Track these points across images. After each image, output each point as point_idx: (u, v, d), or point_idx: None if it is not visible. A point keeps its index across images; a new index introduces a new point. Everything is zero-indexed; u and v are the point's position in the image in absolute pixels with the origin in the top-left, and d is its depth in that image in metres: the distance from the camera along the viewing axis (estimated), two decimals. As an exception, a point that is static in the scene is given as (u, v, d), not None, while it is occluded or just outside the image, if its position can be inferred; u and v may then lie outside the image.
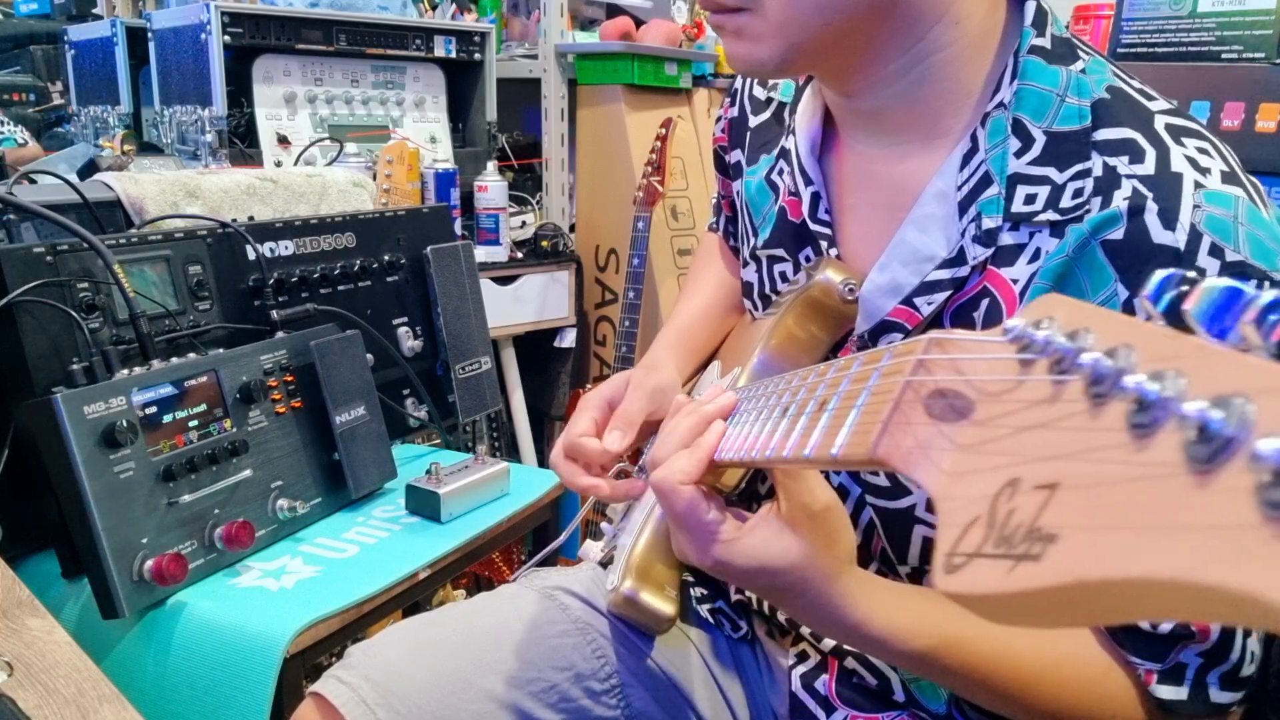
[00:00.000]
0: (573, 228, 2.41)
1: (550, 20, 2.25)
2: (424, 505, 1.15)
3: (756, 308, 0.85)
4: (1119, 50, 1.80)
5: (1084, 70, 0.64)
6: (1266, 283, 0.57)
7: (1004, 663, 0.60)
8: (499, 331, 2.08)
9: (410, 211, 1.42)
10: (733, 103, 0.90)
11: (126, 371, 0.96)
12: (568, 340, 2.31)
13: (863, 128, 0.73)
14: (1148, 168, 0.60)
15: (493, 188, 2.03)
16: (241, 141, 1.76)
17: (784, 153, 0.80)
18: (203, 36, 1.70)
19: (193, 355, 1.04)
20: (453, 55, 2.04)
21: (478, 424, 2.12)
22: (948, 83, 0.66)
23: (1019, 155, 0.64)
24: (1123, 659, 0.61)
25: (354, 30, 1.88)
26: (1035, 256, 0.63)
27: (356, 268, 1.31)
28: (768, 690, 0.84)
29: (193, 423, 0.98)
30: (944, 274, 0.66)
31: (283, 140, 1.82)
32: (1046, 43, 0.65)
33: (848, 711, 0.76)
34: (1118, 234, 0.59)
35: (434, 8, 2.29)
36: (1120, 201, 0.59)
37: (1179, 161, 0.60)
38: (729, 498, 0.72)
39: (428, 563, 1.05)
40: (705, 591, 0.87)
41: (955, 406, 0.35)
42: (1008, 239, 0.64)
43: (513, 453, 2.28)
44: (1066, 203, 0.62)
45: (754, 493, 0.80)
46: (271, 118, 1.82)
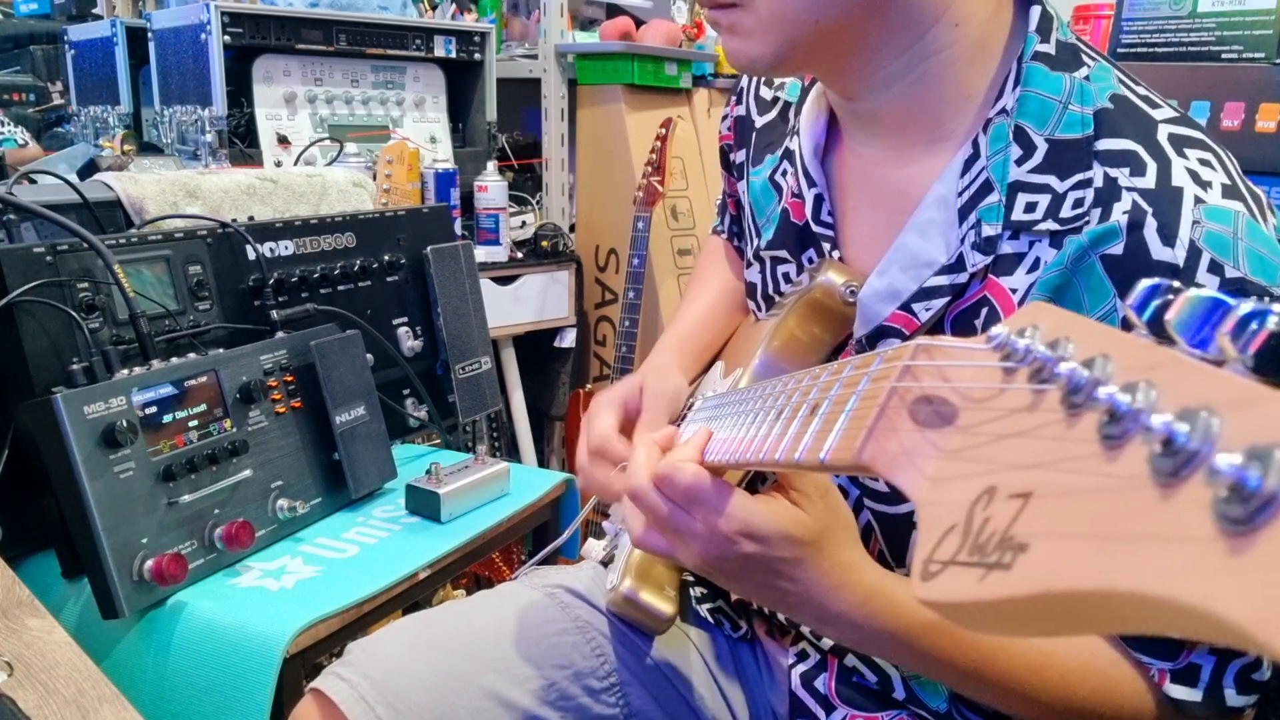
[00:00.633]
0: (573, 228, 2.41)
1: (550, 20, 2.25)
2: (424, 505, 1.15)
3: (760, 308, 0.85)
4: (1119, 50, 1.80)
5: (1088, 77, 0.64)
6: (1267, 298, 0.56)
7: (1011, 654, 0.59)
8: (499, 331, 2.08)
9: (410, 211, 1.42)
10: (739, 101, 0.90)
11: (126, 371, 0.96)
12: (568, 340, 2.31)
13: (864, 130, 0.72)
14: (1148, 181, 0.60)
15: (493, 188, 2.03)
16: (241, 141, 1.76)
17: (788, 154, 0.79)
18: (203, 36, 1.70)
19: (193, 355, 1.04)
20: (453, 55, 2.04)
21: (478, 424, 2.12)
22: (948, 86, 0.66)
23: (1020, 163, 0.63)
24: (1132, 657, 0.61)
25: (354, 30, 1.88)
26: (1034, 267, 0.62)
27: (356, 268, 1.31)
28: (767, 689, 0.84)
29: (193, 423, 0.98)
30: (942, 280, 0.66)
31: (283, 140, 1.82)
32: (1051, 48, 0.64)
33: (847, 710, 0.76)
34: (1117, 249, 0.59)
35: (434, 8, 2.29)
36: (1120, 215, 0.59)
37: (1180, 175, 0.60)
38: None
39: (428, 563, 1.05)
40: (705, 591, 0.87)
41: (940, 413, 0.35)
42: (1008, 248, 0.63)
43: (513, 453, 2.28)
44: (1067, 212, 0.61)
45: (754, 492, 0.80)
46: (271, 118, 1.82)
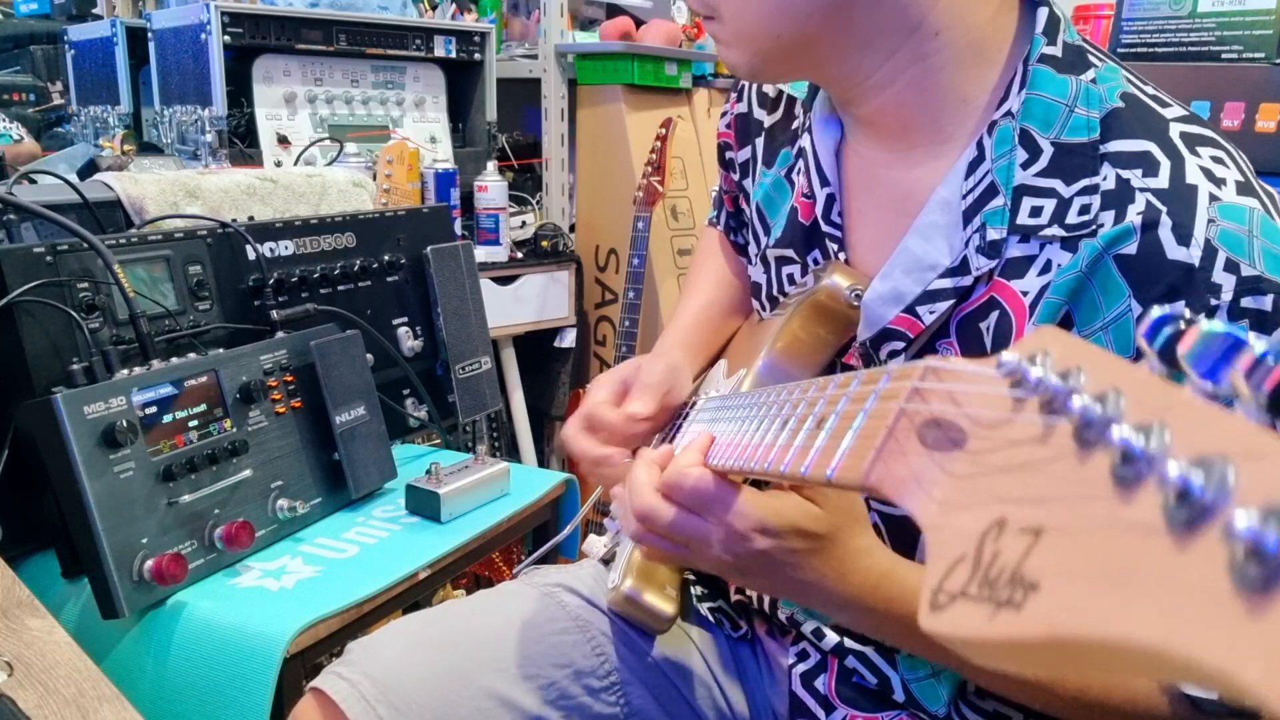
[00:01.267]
0: (573, 228, 2.41)
1: (550, 20, 2.25)
2: (424, 505, 1.15)
3: (764, 308, 0.85)
4: (1119, 50, 1.80)
5: (1095, 79, 0.63)
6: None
7: None
8: (499, 331, 2.08)
9: (410, 211, 1.42)
10: (739, 98, 0.89)
11: (126, 371, 0.96)
12: (568, 340, 2.31)
13: (865, 133, 0.72)
14: (1162, 181, 0.59)
15: (493, 188, 2.03)
16: (241, 141, 1.76)
17: (801, 151, 0.79)
18: (203, 36, 1.70)
19: (193, 355, 1.04)
20: (453, 55, 2.04)
21: (478, 424, 2.12)
22: (941, 91, 0.65)
23: (1026, 166, 0.63)
24: None
25: (354, 30, 1.88)
26: (1046, 269, 0.62)
27: (356, 268, 1.31)
28: (768, 689, 0.84)
29: (193, 423, 0.98)
30: (946, 283, 0.65)
31: (283, 140, 1.82)
32: (1058, 51, 0.64)
33: (847, 711, 0.76)
34: (1131, 249, 0.59)
35: (434, 8, 2.29)
36: (1134, 216, 0.59)
37: (1194, 173, 0.59)
38: None
39: (428, 563, 1.05)
40: (705, 590, 0.87)
41: (949, 437, 0.34)
42: (1017, 250, 0.63)
43: (513, 453, 2.28)
44: (1072, 218, 0.61)
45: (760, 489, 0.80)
46: (271, 118, 1.82)
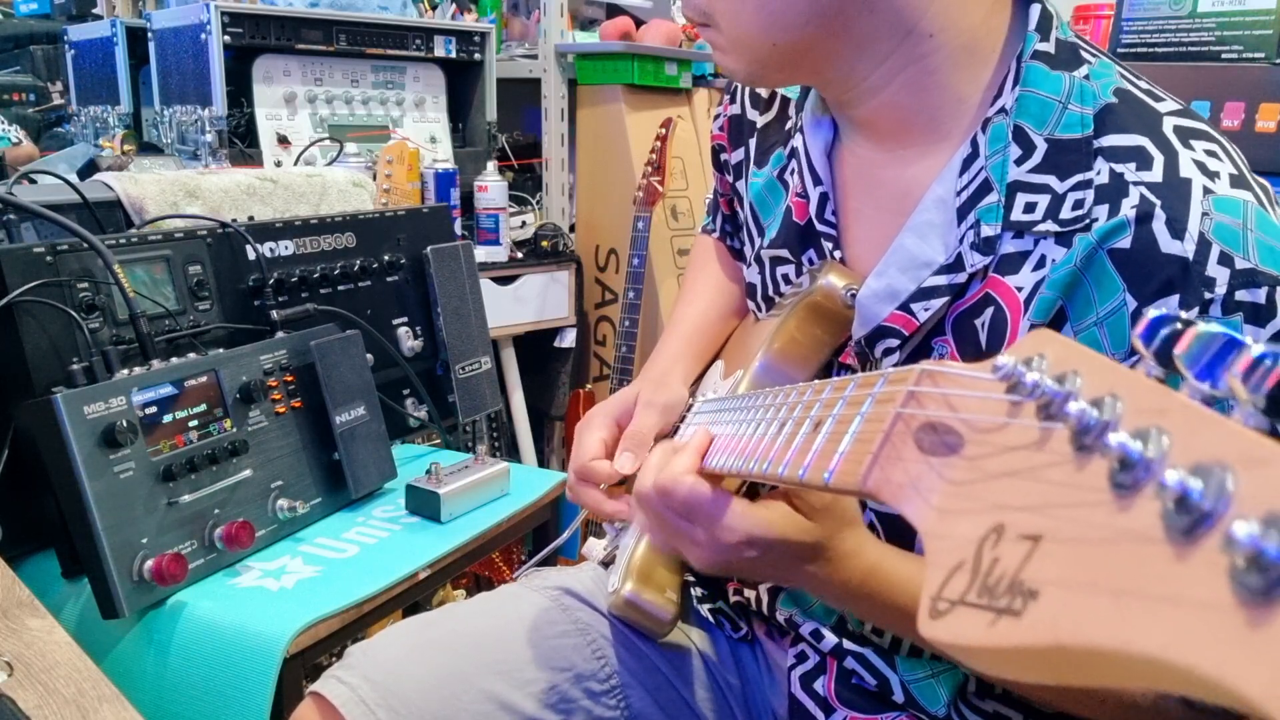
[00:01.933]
0: (573, 228, 2.41)
1: (550, 20, 2.25)
2: (424, 505, 1.15)
3: (760, 309, 0.85)
4: (1119, 50, 1.80)
5: (1088, 75, 0.63)
6: (1278, 289, 0.56)
7: None
8: (499, 331, 2.08)
9: (410, 211, 1.42)
10: (732, 100, 0.89)
11: (126, 371, 0.96)
12: (568, 340, 2.31)
13: (861, 133, 0.72)
14: (1155, 174, 0.59)
15: (493, 188, 2.03)
16: (241, 141, 1.76)
17: (794, 152, 0.79)
18: (203, 36, 1.70)
19: (193, 355, 1.04)
20: (453, 55, 2.04)
21: (478, 424, 2.12)
22: (937, 91, 0.66)
23: (1019, 163, 0.63)
24: None
25: (354, 30, 1.88)
26: (1041, 264, 0.62)
27: (356, 268, 1.31)
28: (767, 690, 0.84)
29: (193, 423, 0.98)
30: (941, 280, 0.65)
31: (283, 140, 1.82)
32: (1050, 48, 0.64)
33: (847, 712, 0.76)
34: (1125, 242, 0.59)
35: (434, 8, 2.29)
36: (1128, 210, 0.59)
37: (1187, 166, 0.60)
38: None
39: (428, 563, 1.05)
40: (705, 591, 0.87)
41: (946, 442, 0.34)
42: (1011, 246, 0.63)
43: (513, 453, 2.28)
44: (1066, 214, 0.61)
45: (754, 496, 0.80)
46: (271, 118, 1.82)
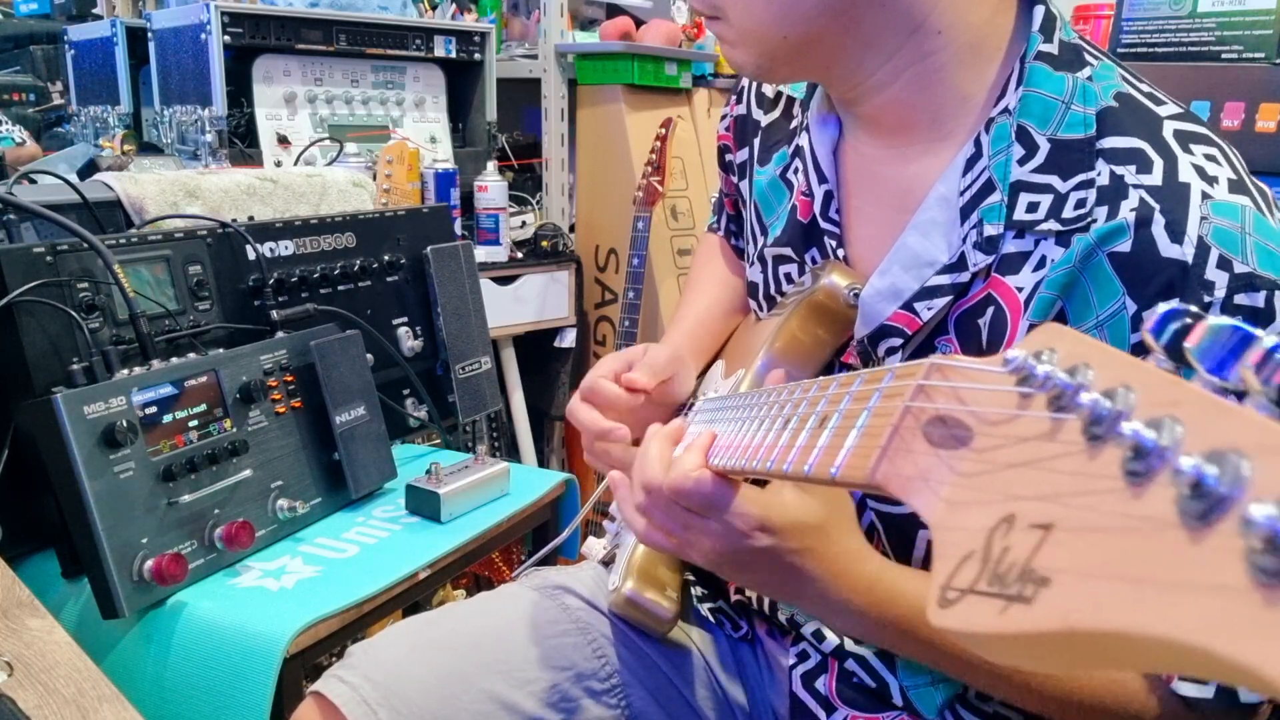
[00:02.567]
0: (573, 228, 2.41)
1: (550, 20, 2.25)
2: (424, 505, 1.15)
3: (761, 308, 0.85)
4: (1119, 50, 1.80)
5: (1091, 77, 0.64)
6: (1276, 293, 0.56)
7: None
8: (499, 331, 2.08)
9: (410, 211, 1.42)
10: (739, 100, 0.89)
11: (126, 371, 0.95)
12: (568, 340, 2.31)
13: (865, 130, 0.72)
14: (1155, 178, 0.60)
15: (493, 188, 2.03)
16: (241, 141, 1.76)
17: (798, 151, 0.79)
18: (203, 36, 1.70)
19: (193, 355, 1.04)
20: (453, 55, 2.04)
21: (478, 424, 2.12)
22: (942, 89, 0.66)
23: (1022, 162, 0.63)
24: None
25: (354, 30, 1.88)
26: (1041, 265, 0.62)
27: (356, 268, 1.31)
28: (768, 690, 0.84)
29: (193, 423, 0.98)
30: (944, 279, 0.65)
31: (283, 140, 1.82)
32: (1054, 48, 0.64)
33: (848, 711, 0.76)
34: (1124, 246, 0.59)
35: (434, 8, 2.29)
36: (1127, 213, 0.59)
37: (1186, 171, 0.60)
38: None
39: (428, 563, 1.05)
40: (706, 591, 0.87)
41: (955, 435, 0.34)
42: (1013, 247, 0.63)
43: (513, 453, 2.28)
44: (1069, 213, 0.61)
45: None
46: (271, 118, 1.82)
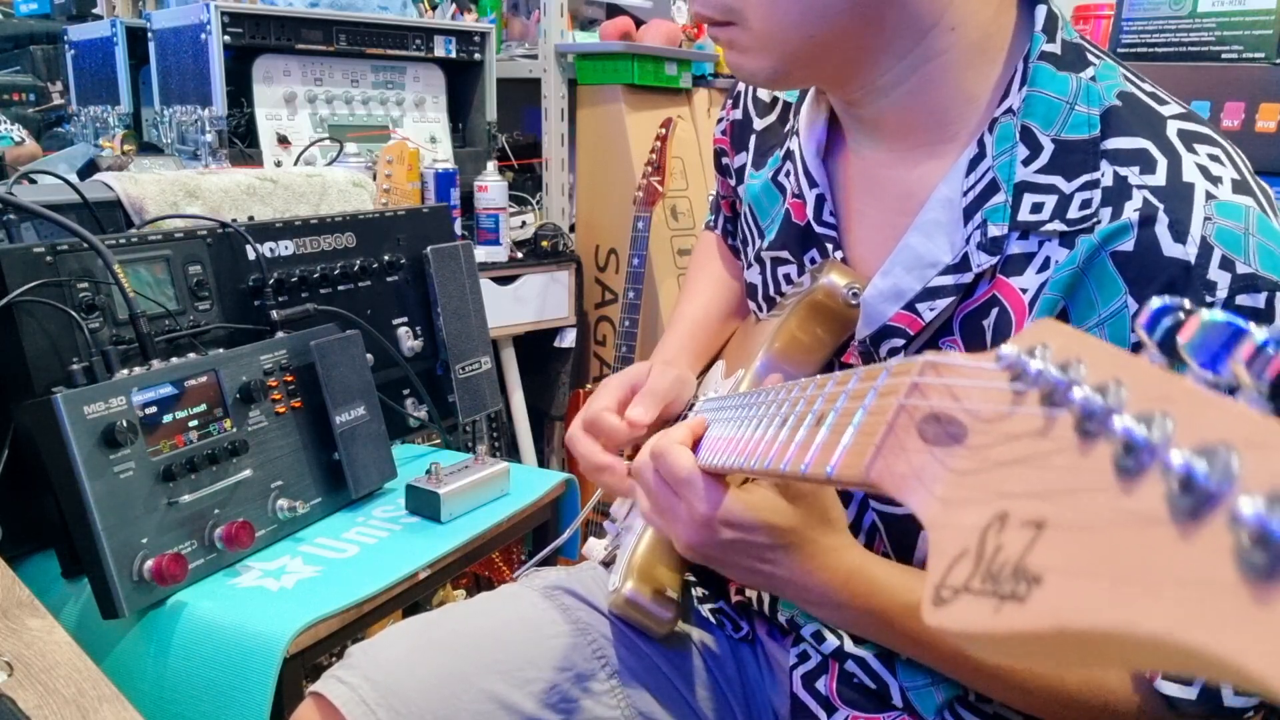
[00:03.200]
0: (573, 228, 2.41)
1: (550, 20, 2.25)
2: (424, 505, 1.15)
3: (761, 309, 0.85)
4: (1119, 50, 1.80)
5: (1094, 77, 0.64)
6: (1278, 294, 0.56)
7: None
8: (499, 331, 2.08)
9: (410, 211, 1.42)
10: (735, 105, 0.90)
11: (126, 371, 0.95)
12: (568, 340, 2.31)
13: (867, 133, 0.72)
14: (1159, 178, 0.59)
15: (493, 188, 2.03)
16: (241, 141, 1.76)
17: (789, 154, 0.79)
18: (203, 36, 1.70)
19: (193, 355, 1.04)
20: (453, 55, 2.04)
21: (478, 424, 2.12)
22: (949, 89, 0.66)
23: (1027, 163, 0.63)
24: None
25: (354, 30, 1.88)
26: (1045, 266, 0.62)
27: (356, 268, 1.31)
28: (769, 690, 0.84)
29: (193, 423, 0.98)
30: (947, 280, 0.65)
31: (283, 140, 1.82)
32: (1057, 48, 0.64)
33: (849, 711, 0.76)
34: (1128, 245, 0.59)
35: (434, 8, 2.29)
36: (1131, 213, 0.59)
37: (1190, 171, 0.60)
38: None
39: (428, 563, 1.05)
40: (706, 591, 0.87)
41: (949, 432, 0.34)
42: (1017, 248, 0.63)
43: (513, 453, 2.28)
44: (1074, 213, 0.61)
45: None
46: (271, 118, 1.82)
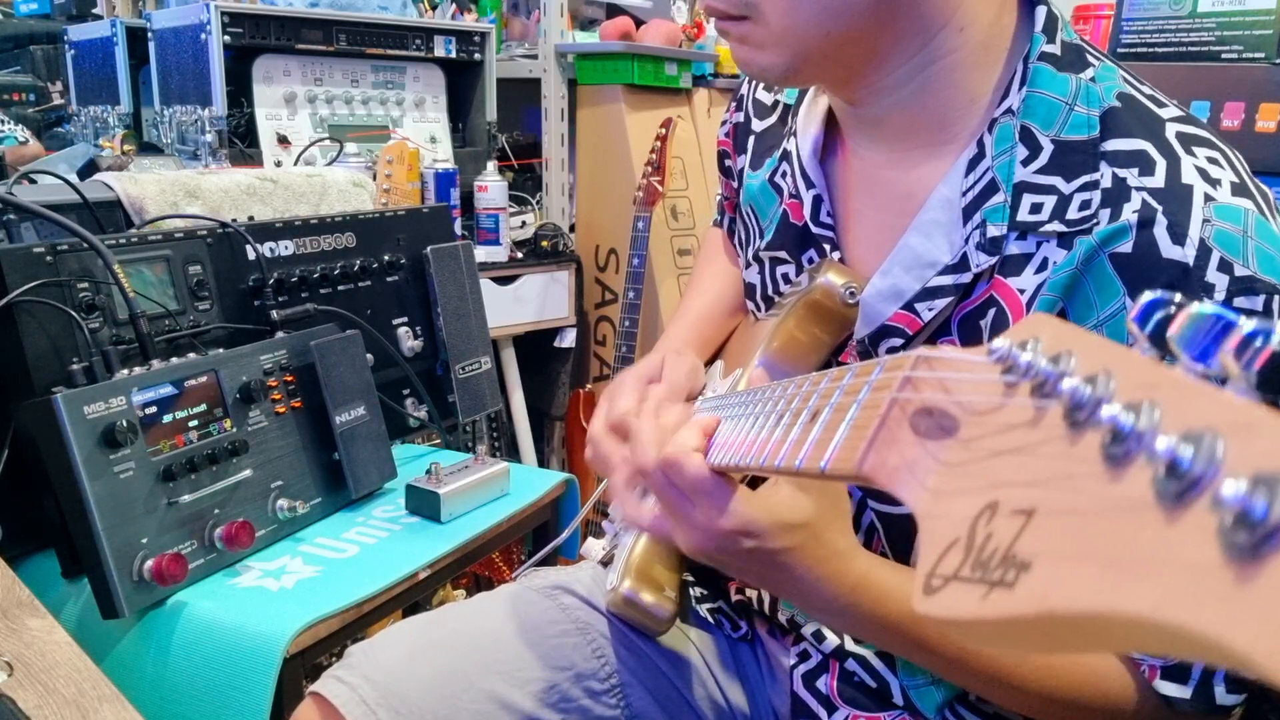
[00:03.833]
0: (573, 228, 2.41)
1: (550, 20, 2.25)
2: (424, 505, 1.15)
3: (759, 309, 0.85)
4: (1119, 50, 1.80)
5: (1093, 78, 0.64)
6: (1276, 297, 0.56)
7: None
8: (499, 331, 2.08)
9: (410, 211, 1.42)
10: (738, 107, 0.90)
11: (126, 371, 0.95)
12: (568, 340, 2.31)
13: (867, 134, 0.72)
14: (1158, 180, 0.60)
15: (493, 188, 2.03)
16: (241, 141, 1.76)
17: (786, 155, 0.80)
18: (203, 36, 1.70)
19: (193, 355, 1.04)
20: (453, 55, 2.04)
21: (478, 424, 2.12)
22: (952, 89, 0.66)
23: (1026, 163, 0.63)
24: (1123, 654, 0.61)
25: (354, 30, 1.88)
26: (1043, 267, 0.62)
27: (356, 268, 1.31)
28: (769, 689, 0.84)
29: (193, 423, 0.98)
30: (946, 280, 0.65)
31: (283, 140, 1.82)
32: (1057, 49, 0.64)
33: (849, 710, 0.76)
34: (1126, 247, 0.59)
35: (434, 8, 2.29)
36: (1130, 214, 0.59)
37: (1189, 173, 0.60)
38: None
39: (428, 563, 1.05)
40: (705, 591, 0.87)
41: (941, 425, 0.34)
42: (1015, 248, 0.63)
43: (513, 453, 2.28)
44: (1073, 214, 0.61)
45: (754, 484, 0.80)
46: (271, 118, 1.82)
